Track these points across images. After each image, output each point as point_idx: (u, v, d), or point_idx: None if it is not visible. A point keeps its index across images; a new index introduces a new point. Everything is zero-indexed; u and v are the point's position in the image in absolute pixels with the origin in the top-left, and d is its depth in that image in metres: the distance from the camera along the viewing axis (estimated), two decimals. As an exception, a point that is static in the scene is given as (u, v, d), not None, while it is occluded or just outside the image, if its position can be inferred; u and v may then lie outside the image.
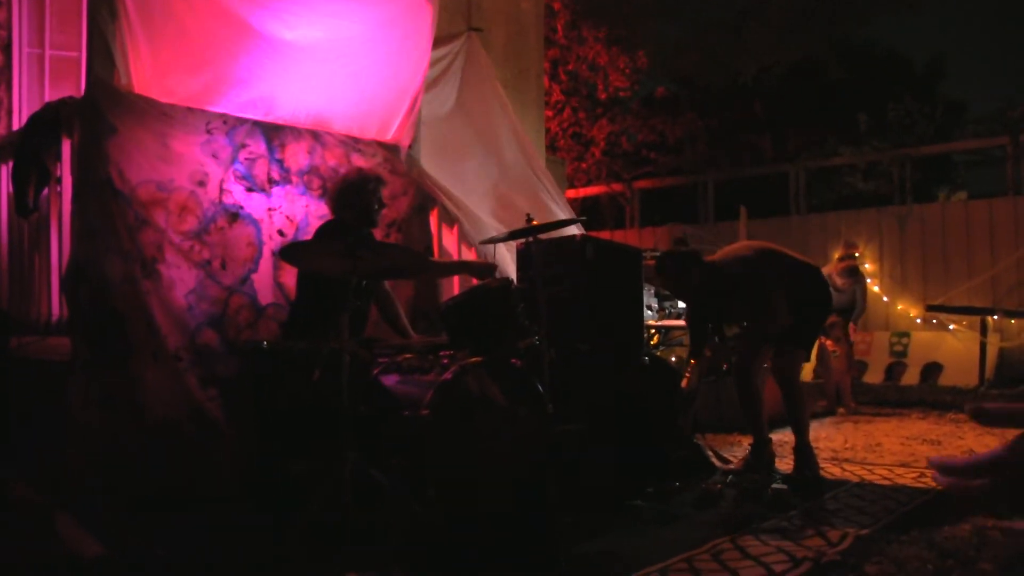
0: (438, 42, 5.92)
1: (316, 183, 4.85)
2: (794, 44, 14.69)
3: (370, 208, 4.23)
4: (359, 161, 5.09)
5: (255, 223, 4.57)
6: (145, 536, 3.29)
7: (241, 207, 4.52)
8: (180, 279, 4.17)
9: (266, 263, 4.57)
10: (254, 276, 4.50)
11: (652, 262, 4.86)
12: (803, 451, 4.49)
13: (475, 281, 4.24)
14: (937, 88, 18.92)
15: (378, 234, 5.04)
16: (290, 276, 4.59)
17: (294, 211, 4.75)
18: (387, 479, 3.17)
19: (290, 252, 3.53)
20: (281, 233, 4.66)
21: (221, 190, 4.45)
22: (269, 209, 4.64)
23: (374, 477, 3.16)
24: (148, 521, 3.50)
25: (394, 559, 2.89)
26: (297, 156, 4.82)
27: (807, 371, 9.03)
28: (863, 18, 15.36)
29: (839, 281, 7.64)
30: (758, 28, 14.47)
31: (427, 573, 2.97)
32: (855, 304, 7.90)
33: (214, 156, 4.43)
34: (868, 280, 10.64)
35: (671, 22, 15.04)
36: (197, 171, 4.36)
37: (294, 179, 4.78)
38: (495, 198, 6.28)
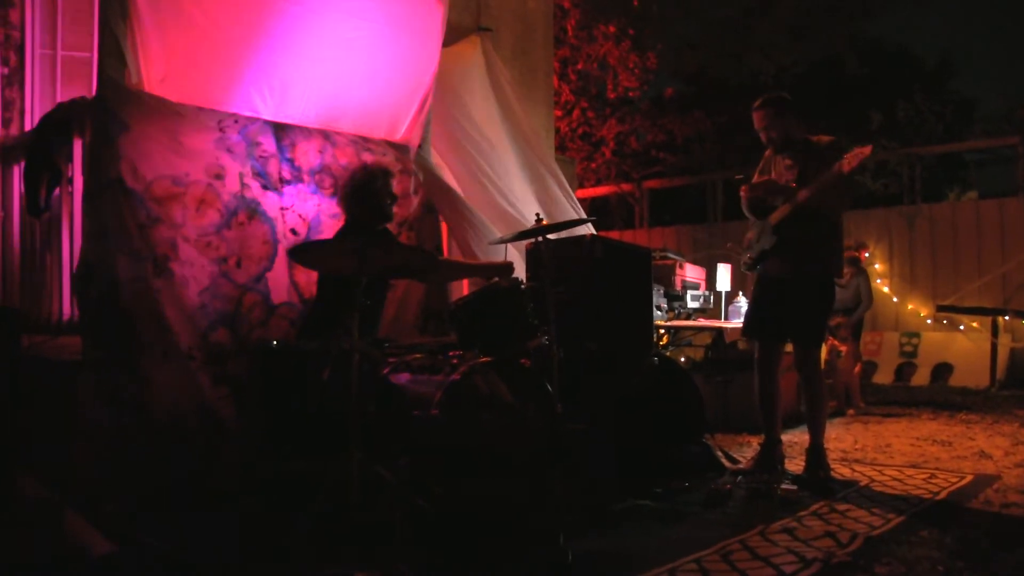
0: (448, 42, 5.93)
1: (328, 182, 4.86)
2: (806, 41, 14.63)
3: (382, 204, 4.24)
4: (369, 160, 5.10)
5: (270, 221, 4.58)
6: (154, 534, 3.31)
7: (259, 203, 4.54)
8: (194, 277, 4.19)
9: (281, 261, 4.58)
10: (269, 274, 4.52)
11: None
12: (816, 452, 4.46)
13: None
14: (947, 86, 18.84)
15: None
16: (305, 275, 4.61)
17: (306, 210, 4.76)
18: (395, 477, 3.18)
19: (300, 252, 3.54)
20: (294, 232, 4.67)
21: (242, 184, 4.46)
22: (282, 208, 4.65)
23: (382, 475, 3.17)
24: (156, 519, 3.51)
25: (401, 557, 2.90)
26: (308, 155, 4.83)
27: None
28: (874, 14, 15.28)
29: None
30: (768, 26, 14.43)
31: (434, 571, 2.97)
32: (859, 302, 7.86)
33: (229, 151, 4.45)
34: (878, 280, 10.63)
35: (683, 19, 14.98)
36: (213, 164, 4.37)
37: (305, 178, 4.79)
38: (505, 198, 6.27)
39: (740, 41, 14.74)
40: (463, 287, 5.42)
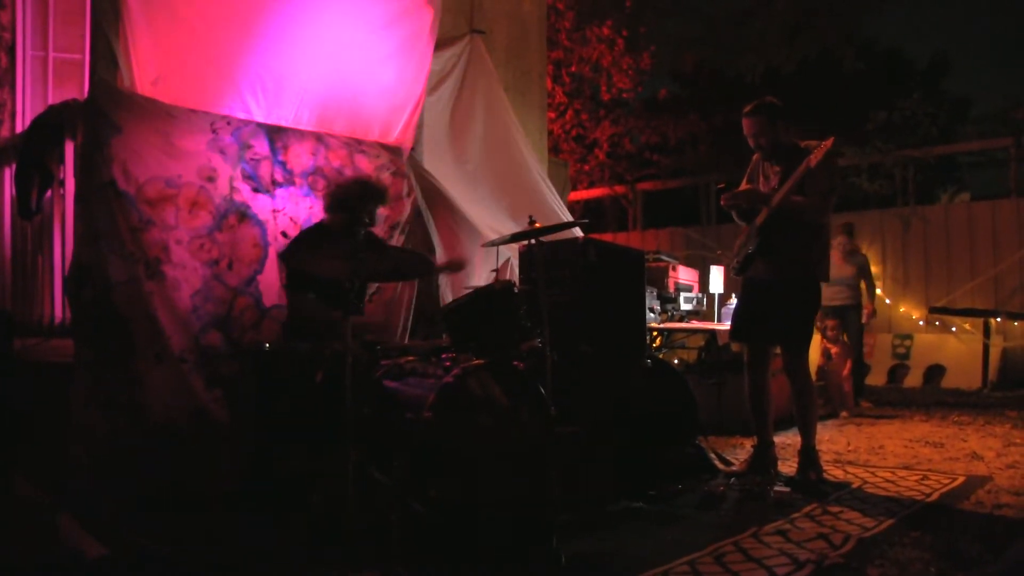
0: (441, 44, 5.93)
1: (320, 184, 4.86)
2: (802, 40, 14.66)
3: (356, 222, 4.22)
4: (363, 162, 5.10)
5: (261, 224, 4.58)
6: (147, 536, 3.30)
7: (249, 206, 4.53)
8: (186, 279, 4.19)
9: (271, 264, 4.58)
10: (259, 277, 4.52)
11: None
12: (808, 453, 4.47)
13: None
14: (941, 86, 18.88)
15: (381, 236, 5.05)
16: (295, 278, 4.60)
17: (298, 212, 4.75)
18: (389, 480, 3.17)
19: (293, 255, 3.54)
20: (285, 235, 4.67)
21: (231, 187, 4.46)
22: (273, 211, 4.65)
23: (376, 477, 3.16)
24: (150, 521, 3.50)
25: (396, 559, 2.89)
26: (300, 158, 4.82)
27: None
28: (872, 8, 15.28)
29: (835, 255, 7.67)
30: (764, 24, 14.44)
31: (427, 573, 2.97)
32: (859, 300, 7.88)
33: (221, 152, 4.45)
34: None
35: (677, 17, 15.00)
36: (205, 167, 4.37)
37: (297, 180, 4.79)
38: (497, 200, 6.28)
39: (736, 38, 14.76)
40: (456, 289, 5.41)
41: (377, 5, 5.18)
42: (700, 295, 7.00)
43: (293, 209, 4.73)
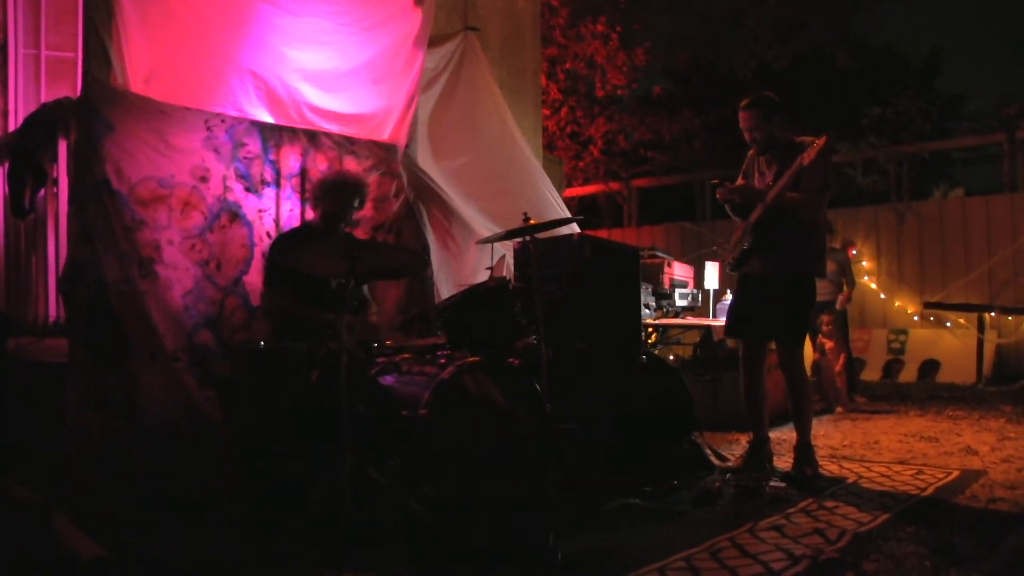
0: (435, 41, 5.92)
1: (305, 187, 4.84)
2: (796, 37, 14.68)
3: (335, 217, 4.23)
4: (351, 164, 5.07)
5: (249, 224, 4.57)
6: (143, 536, 3.29)
7: (240, 206, 4.52)
8: (178, 279, 4.18)
9: (257, 265, 4.56)
10: (245, 278, 4.50)
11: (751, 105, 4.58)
12: (804, 449, 4.48)
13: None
14: (934, 83, 18.92)
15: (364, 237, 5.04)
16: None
17: (281, 214, 4.74)
18: (385, 478, 3.17)
19: (284, 253, 3.54)
20: (269, 236, 4.65)
21: (225, 186, 4.45)
22: (259, 211, 4.63)
23: (372, 476, 3.16)
24: (146, 521, 3.50)
25: (392, 558, 2.89)
26: (289, 159, 4.81)
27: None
28: (864, 6, 15.31)
29: None
30: (757, 23, 14.46)
31: (425, 572, 2.97)
32: (839, 283, 7.91)
33: (216, 151, 4.43)
34: (865, 277, 10.70)
35: (671, 14, 15.01)
36: (199, 166, 4.36)
37: (283, 182, 4.77)
38: (492, 197, 6.27)
39: (730, 35, 14.77)
40: (450, 288, 5.40)
41: (367, 5, 5.17)
42: (695, 291, 7.00)
43: (277, 211, 4.72)
